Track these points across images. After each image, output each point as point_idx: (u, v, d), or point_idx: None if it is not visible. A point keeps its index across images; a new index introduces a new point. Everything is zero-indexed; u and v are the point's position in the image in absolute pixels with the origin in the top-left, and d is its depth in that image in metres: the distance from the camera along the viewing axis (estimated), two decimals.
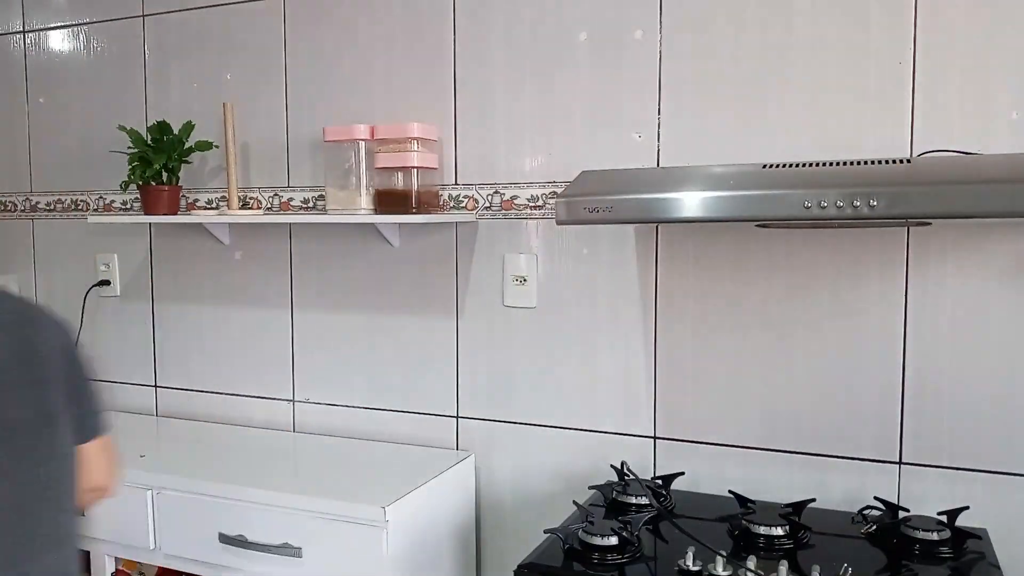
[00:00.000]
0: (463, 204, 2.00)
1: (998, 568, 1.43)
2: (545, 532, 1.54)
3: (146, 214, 2.19)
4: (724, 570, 1.38)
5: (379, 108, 2.07)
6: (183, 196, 2.32)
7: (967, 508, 1.54)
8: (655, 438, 1.87)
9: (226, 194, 2.19)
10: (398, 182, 1.94)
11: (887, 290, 1.66)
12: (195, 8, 2.28)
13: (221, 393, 2.34)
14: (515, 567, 1.46)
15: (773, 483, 1.76)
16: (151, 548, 1.85)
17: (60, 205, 2.53)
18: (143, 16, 2.35)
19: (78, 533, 1.27)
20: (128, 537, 1.87)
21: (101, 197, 2.47)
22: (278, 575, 1.72)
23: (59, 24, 2.49)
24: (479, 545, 2.04)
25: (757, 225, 1.67)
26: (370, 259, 2.12)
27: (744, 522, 1.55)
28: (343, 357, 2.18)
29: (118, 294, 2.47)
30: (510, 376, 1.99)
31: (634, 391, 1.87)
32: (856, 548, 1.51)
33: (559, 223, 1.48)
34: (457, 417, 2.06)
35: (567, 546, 1.49)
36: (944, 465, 1.64)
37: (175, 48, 2.32)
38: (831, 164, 1.43)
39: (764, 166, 1.46)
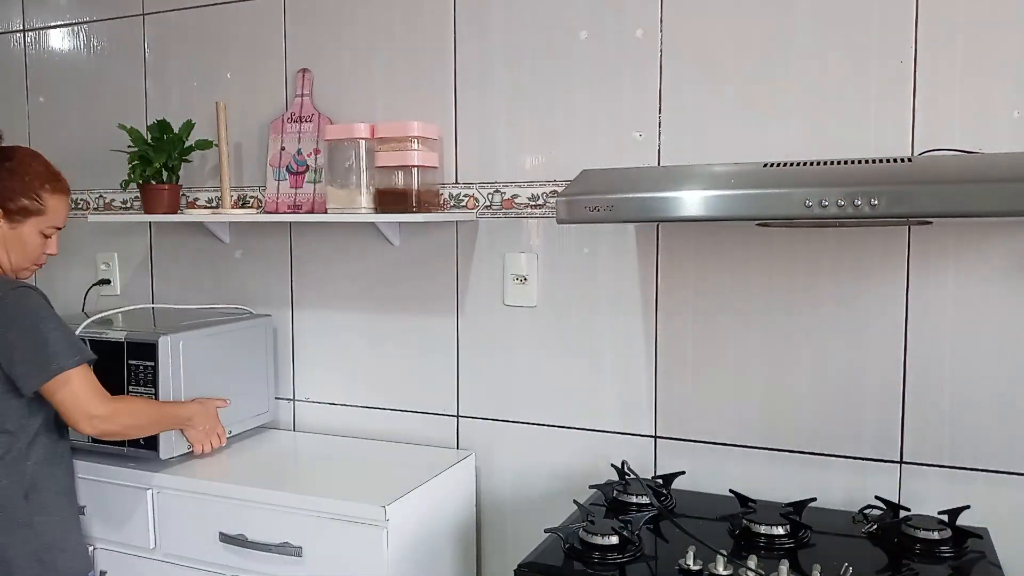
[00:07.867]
0: (463, 203, 2.00)
1: (999, 567, 1.43)
2: (545, 531, 1.54)
3: (146, 213, 2.19)
4: (725, 569, 1.38)
5: (379, 107, 2.07)
6: (183, 195, 2.32)
7: (968, 507, 1.54)
8: (656, 437, 1.87)
9: None
10: (398, 181, 1.94)
11: (888, 289, 1.66)
12: (195, 7, 2.28)
13: None
14: (515, 567, 1.46)
15: (774, 482, 1.76)
16: (151, 547, 1.85)
17: None
18: (143, 15, 2.35)
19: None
20: (128, 537, 1.87)
21: (101, 196, 2.47)
22: (278, 575, 1.72)
23: (59, 23, 2.49)
24: (479, 545, 2.04)
25: (758, 224, 1.67)
26: (370, 258, 2.12)
27: (745, 521, 1.55)
28: (343, 356, 2.17)
29: (118, 293, 2.47)
30: (510, 375, 1.99)
31: (635, 390, 1.87)
32: (857, 547, 1.51)
33: (560, 222, 1.48)
34: (457, 416, 2.05)
35: (568, 545, 1.49)
36: (945, 464, 1.64)
37: (175, 47, 2.32)
38: (832, 163, 1.43)
39: (765, 165, 1.46)
